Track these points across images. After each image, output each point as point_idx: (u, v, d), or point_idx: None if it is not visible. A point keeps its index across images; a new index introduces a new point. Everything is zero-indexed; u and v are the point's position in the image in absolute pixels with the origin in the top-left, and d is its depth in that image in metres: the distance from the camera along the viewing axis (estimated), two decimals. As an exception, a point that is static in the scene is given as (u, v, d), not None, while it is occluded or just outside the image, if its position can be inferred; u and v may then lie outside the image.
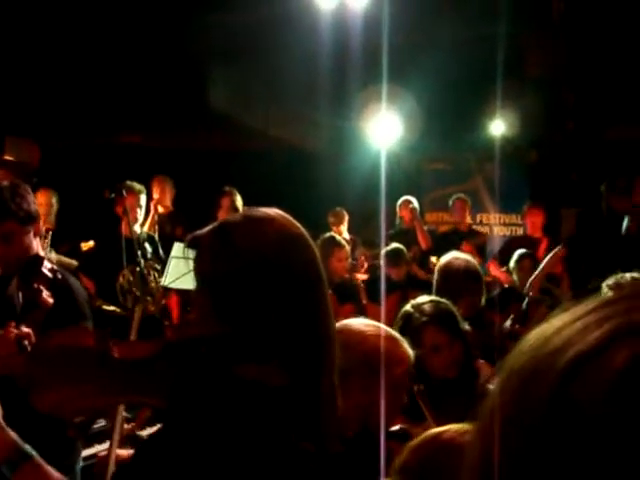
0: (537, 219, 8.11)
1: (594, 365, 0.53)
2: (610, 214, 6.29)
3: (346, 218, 8.57)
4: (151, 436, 1.74)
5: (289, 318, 1.71)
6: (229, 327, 1.68)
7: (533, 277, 6.40)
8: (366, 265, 7.88)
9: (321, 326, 1.76)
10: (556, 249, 6.69)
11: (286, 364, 1.68)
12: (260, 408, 1.60)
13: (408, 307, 3.30)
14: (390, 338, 2.32)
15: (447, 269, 4.24)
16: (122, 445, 2.85)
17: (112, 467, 2.54)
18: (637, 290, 0.60)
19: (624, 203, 6.11)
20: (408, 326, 3.20)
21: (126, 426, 3.37)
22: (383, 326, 2.41)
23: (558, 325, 0.58)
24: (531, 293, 6.15)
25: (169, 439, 1.62)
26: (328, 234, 7.05)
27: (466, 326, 3.33)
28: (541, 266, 6.51)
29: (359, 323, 2.39)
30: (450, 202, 8.78)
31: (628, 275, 4.03)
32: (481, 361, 3.47)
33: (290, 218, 1.83)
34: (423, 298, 3.37)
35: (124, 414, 3.14)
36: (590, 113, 9.78)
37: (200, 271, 1.78)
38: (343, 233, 8.27)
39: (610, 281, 4.02)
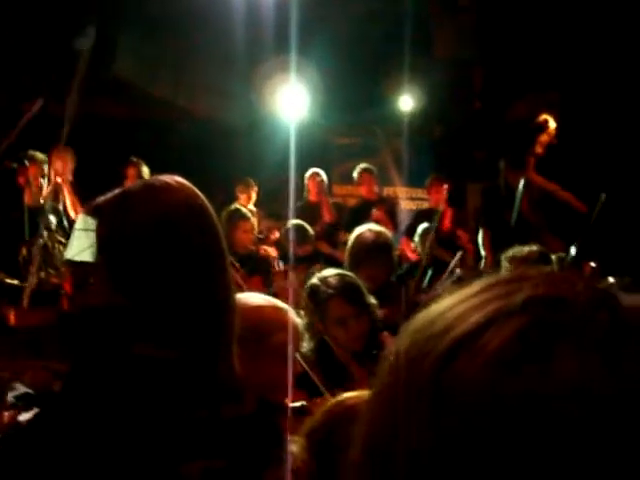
0: (440, 192, 8.30)
1: (470, 348, 0.53)
2: (508, 190, 6.45)
3: (255, 189, 8.53)
4: (47, 403, 1.72)
5: (186, 287, 1.70)
6: (125, 297, 1.66)
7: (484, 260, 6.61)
8: (277, 234, 7.91)
9: (219, 295, 1.76)
10: (482, 232, 6.85)
11: (183, 333, 1.68)
12: (152, 378, 1.60)
13: (315, 280, 3.31)
14: (273, 307, 2.32)
15: (356, 240, 4.26)
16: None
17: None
18: (517, 274, 0.60)
19: (519, 178, 6.28)
20: (315, 299, 3.22)
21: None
22: (269, 297, 2.42)
23: (442, 308, 0.59)
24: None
25: (63, 407, 1.61)
26: (233, 206, 7.02)
27: (372, 299, 3.36)
28: (482, 250, 6.71)
29: (248, 296, 2.39)
30: (356, 174, 8.80)
31: (526, 248, 4.15)
32: (385, 333, 3.51)
33: (191, 187, 1.81)
34: (330, 271, 3.38)
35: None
36: (496, 92, 9.96)
37: (100, 239, 1.76)
38: (250, 203, 8.22)
39: (509, 253, 4.13)
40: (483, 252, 6.78)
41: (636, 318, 0.54)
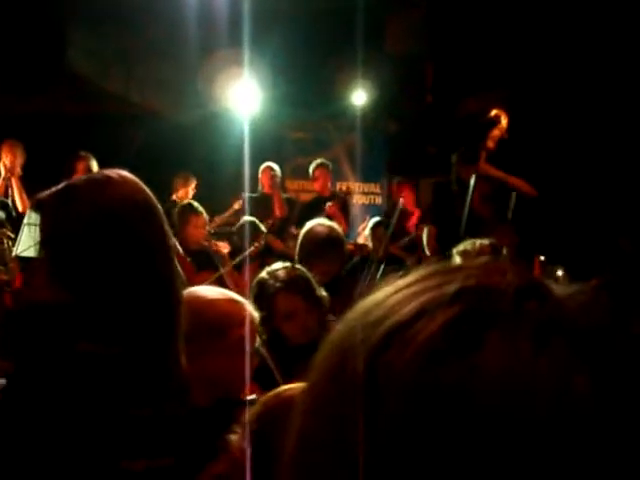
0: (409, 195, 8.49)
1: (401, 339, 0.53)
2: (460, 184, 6.50)
3: (193, 184, 8.50)
4: None
5: (131, 281, 1.69)
6: (69, 292, 1.65)
7: (428, 246, 6.63)
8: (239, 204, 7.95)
9: (165, 290, 1.75)
10: (427, 230, 6.90)
11: (129, 328, 1.67)
12: (95, 375, 1.59)
13: (263, 274, 3.29)
14: (232, 301, 2.30)
15: (308, 235, 4.24)
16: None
17: None
18: (452, 267, 0.60)
19: (471, 172, 6.33)
20: (262, 293, 3.21)
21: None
22: (227, 291, 2.41)
23: (379, 298, 0.59)
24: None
25: (6, 405, 1.60)
26: (185, 201, 6.99)
27: (322, 292, 3.36)
28: (426, 249, 6.73)
29: (203, 289, 2.38)
30: (311, 169, 8.81)
31: (478, 242, 4.18)
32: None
33: (136, 181, 1.80)
34: (278, 265, 3.36)
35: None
36: (447, 86, 10.03)
37: (43, 233, 1.75)
38: (188, 198, 8.13)
39: (460, 247, 4.16)
40: (427, 251, 6.80)
41: (566, 307, 0.55)
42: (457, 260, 4.07)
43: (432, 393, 0.51)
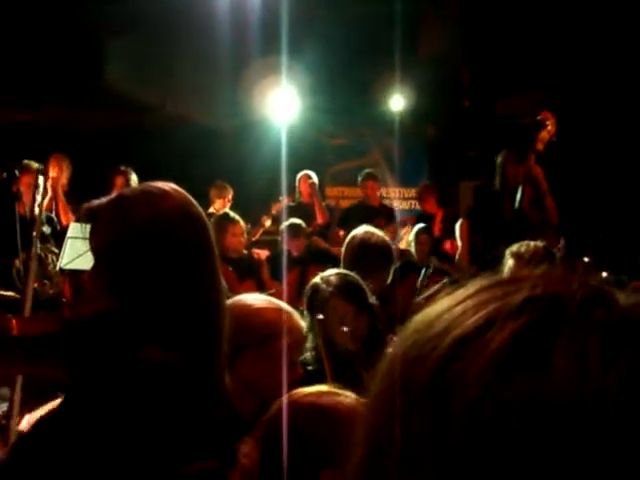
0: (430, 199, 8.56)
1: (471, 349, 0.54)
2: (504, 187, 6.46)
3: (230, 193, 8.52)
4: (52, 410, 1.73)
5: (183, 290, 1.73)
6: (125, 302, 1.68)
7: (460, 251, 6.63)
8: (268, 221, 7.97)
9: (213, 299, 1.79)
10: (460, 222, 6.89)
11: (181, 338, 1.69)
12: (155, 385, 1.62)
13: (317, 279, 3.30)
14: (280, 310, 2.32)
15: (363, 244, 4.21)
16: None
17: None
18: (512, 276, 0.61)
19: (519, 173, 6.29)
20: (316, 298, 3.22)
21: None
22: (274, 299, 2.42)
23: (440, 309, 0.59)
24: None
25: (67, 414, 1.62)
26: (223, 211, 7.03)
27: (374, 300, 3.35)
28: (459, 241, 6.73)
29: (250, 297, 2.40)
30: (360, 178, 8.77)
31: (532, 244, 4.13)
32: (391, 335, 3.50)
33: (185, 193, 1.84)
34: (332, 271, 3.37)
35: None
36: (484, 89, 9.99)
37: (97, 244, 1.76)
38: (227, 207, 8.18)
39: (514, 249, 4.11)
40: (459, 242, 6.79)
41: (633, 316, 0.55)
42: (510, 262, 4.03)
43: (504, 403, 0.51)
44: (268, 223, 8.37)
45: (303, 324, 2.41)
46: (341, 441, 1.29)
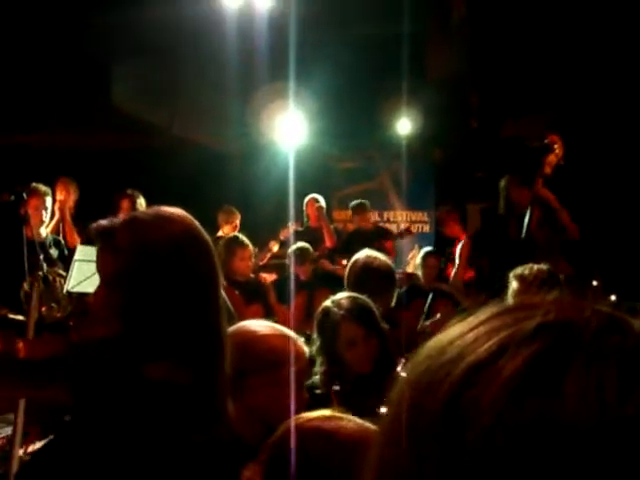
0: (453, 223, 8.53)
1: (484, 375, 0.54)
2: (509, 211, 6.45)
3: (238, 217, 8.51)
4: (58, 431, 1.73)
5: (190, 316, 1.74)
6: (133, 325, 1.68)
7: (456, 270, 6.62)
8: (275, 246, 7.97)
9: (215, 322, 1.81)
10: (462, 241, 6.89)
11: (188, 361, 1.70)
12: (161, 405, 1.62)
13: (328, 302, 3.31)
14: (285, 336, 2.33)
15: (366, 268, 4.23)
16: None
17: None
18: (525, 302, 0.61)
19: (524, 195, 6.28)
20: (326, 321, 3.22)
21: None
22: (278, 325, 2.42)
23: (452, 336, 0.59)
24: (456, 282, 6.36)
25: (74, 435, 1.62)
26: (232, 234, 7.04)
27: (384, 323, 3.36)
28: (457, 260, 6.71)
29: (255, 324, 2.40)
30: (350, 208, 8.81)
31: (535, 267, 4.13)
32: (402, 359, 3.49)
33: (192, 218, 1.86)
34: (342, 294, 3.39)
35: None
36: (491, 111, 10.01)
37: (108, 267, 1.77)
38: (235, 232, 8.18)
39: (518, 271, 4.11)
40: (457, 260, 6.77)
41: None
42: (513, 284, 4.03)
43: (517, 430, 0.51)
44: (276, 248, 8.36)
45: (307, 350, 2.41)
46: (345, 466, 1.29)
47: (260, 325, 2.39)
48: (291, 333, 2.38)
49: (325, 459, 1.50)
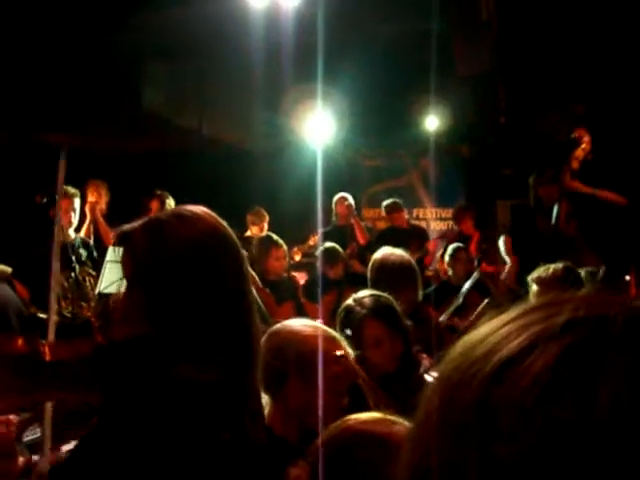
0: (467, 220, 8.51)
1: (515, 371, 0.54)
2: (538, 206, 6.42)
3: (266, 219, 8.51)
4: (87, 434, 1.74)
5: (217, 315, 1.73)
6: (159, 326, 1.68)
7: (508, 268, 6.61)
8: (298, 256, 7.96)
9: (246, 320, 1.79)
10: (503, 238, 6.88)
11: (216, 360, 1.70)
12: (190, 404, 1.62)
13: (350, 301, 3.29)
14: (328, 337, 2.31)
15: (382, 264, 4.24)
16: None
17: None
18: (555, 298, 0.61)
19: (552, 192, 6.24)
20: (349, 319, 3.20)
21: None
22: (321, 325, 2.40)
23: (484, 332, 0.60)
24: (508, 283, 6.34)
25: (103, 437, 1.62)
26: (265, 233, 7.06)
27: (407, 321, 3.34)
28: (507, 259, 6.71)
29: (297, 323, 2.38)
30: (383, 208, 8.79)
31: (551, 267, 4.09)
32: (423, 355, 3.48)
33: (216, 216, 1.85)
34: (364, 292, 3.36)
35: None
36: (520, 107, 9.93)
37: (132, 268, 1.77)
38: (263, 232, 8.19)
39: (534, 275, 4.08)
40: (507, 258, 6.75)
41: None
42: (534, 288, 4.00)
43: (550, 424, 0.51)
44: (297, 258, 8.35)
45: (350, 351, 2.38)
46: (395, 471, 1.26)
47: (304, 325, 2.37)
48: (336, 334, 2.36)
49: (376, 462, 1.47)
